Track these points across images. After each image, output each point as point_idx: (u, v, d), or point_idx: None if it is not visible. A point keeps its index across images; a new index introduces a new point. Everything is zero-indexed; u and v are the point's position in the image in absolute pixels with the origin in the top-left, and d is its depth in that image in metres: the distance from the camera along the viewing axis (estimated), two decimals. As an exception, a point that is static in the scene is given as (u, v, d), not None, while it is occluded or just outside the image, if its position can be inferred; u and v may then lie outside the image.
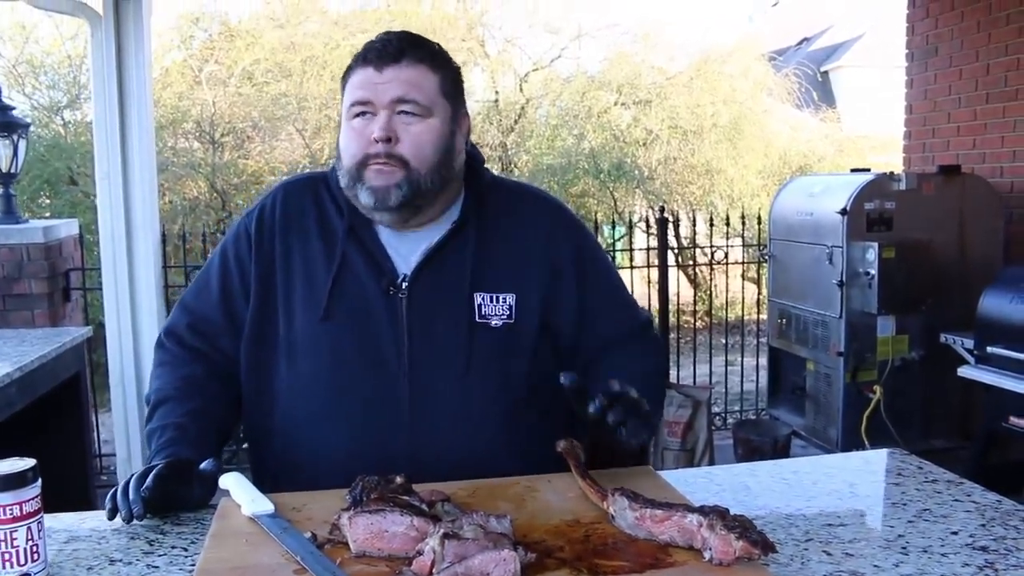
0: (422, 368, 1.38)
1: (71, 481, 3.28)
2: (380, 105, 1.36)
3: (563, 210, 1.57)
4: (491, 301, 1.41)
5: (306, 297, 1.41)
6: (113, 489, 1.23)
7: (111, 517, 1.21)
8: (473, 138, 1.54)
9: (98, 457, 4.52)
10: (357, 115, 1.38)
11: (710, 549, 0.99)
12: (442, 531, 0.97)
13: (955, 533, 1.19)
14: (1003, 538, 1.17)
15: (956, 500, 1.31)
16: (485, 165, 1.55)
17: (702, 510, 1.03)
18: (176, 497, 1.23)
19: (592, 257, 1.54)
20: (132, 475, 1.23)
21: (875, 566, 1.09)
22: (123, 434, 4.11)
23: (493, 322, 1.41)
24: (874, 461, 1.56)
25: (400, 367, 1.38)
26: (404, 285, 1.41)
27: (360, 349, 1.39)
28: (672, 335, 5.27)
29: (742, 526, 0.99)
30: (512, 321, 1.42)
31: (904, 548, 1.14)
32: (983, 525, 1.21)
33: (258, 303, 1.44)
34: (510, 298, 1.42)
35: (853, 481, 1.41)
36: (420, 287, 1.41)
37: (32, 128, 4.77)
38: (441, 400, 1.37)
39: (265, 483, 1.45)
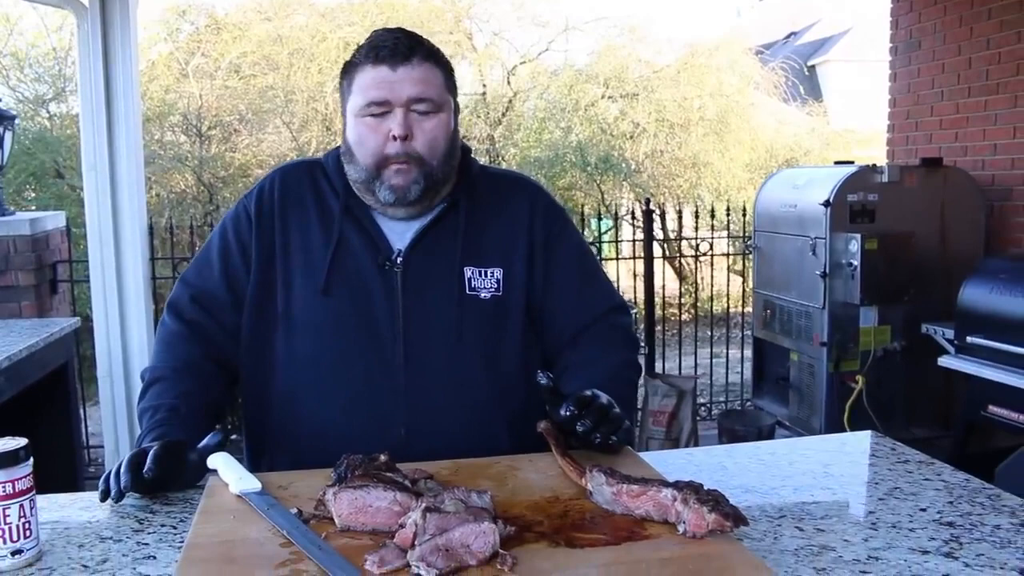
0: (416, 339, 1.44)
1: (60, 471, 3.30)
2: (397, 103, 1.41)
3: (545, 193, 1.64)
4: (480, 275, 1.49)
5: (305, 272, 1.47)
6: (107, 471, 1.26)
7: (103, 499, 1.24)
8: (461, 131, 1.60)
9: (86, 448, 4.52)
10: (370, 113, 1.43)
11: (684, 522, 1.03)
12: (424, 505, 1.00)
13: (923, 510, 1.22)
14: (969, 514, 1.21)
15: (926, 479, 1.35)
16: (472, 155, 1.61)
17: (677, 485, 1.06)
18: (170, 477, 1.26)
19: (566, 238, 1.59)
20: (124, 458, 1.26)
21: (845, 540, 1.12)
22: (111, 424, 4.12)
23: (482, 295, 1.48)
24: (849, 443, 1.60)
25: (395, 338, 1.44)
26: (399, 260, 1.47)
27: (357, 321, 1.45)
28: (658, 327, 5.30)
29: (715, 500, 1.02)
30: (500, 294, 1.49)
31: (874, 524, 1.18)
32: (951, 502, 1.25)
33: (258, 279, 1.49)
34: (498, 272, 1.49)
35: (828, 462, 1.45)
36: (414, 262, 1.47)
37: (17, 121, 4.76)
38: (435, 370, 1.44)
39: (262, 453, 1.50)
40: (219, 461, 1.25)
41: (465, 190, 1.53)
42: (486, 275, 1.49)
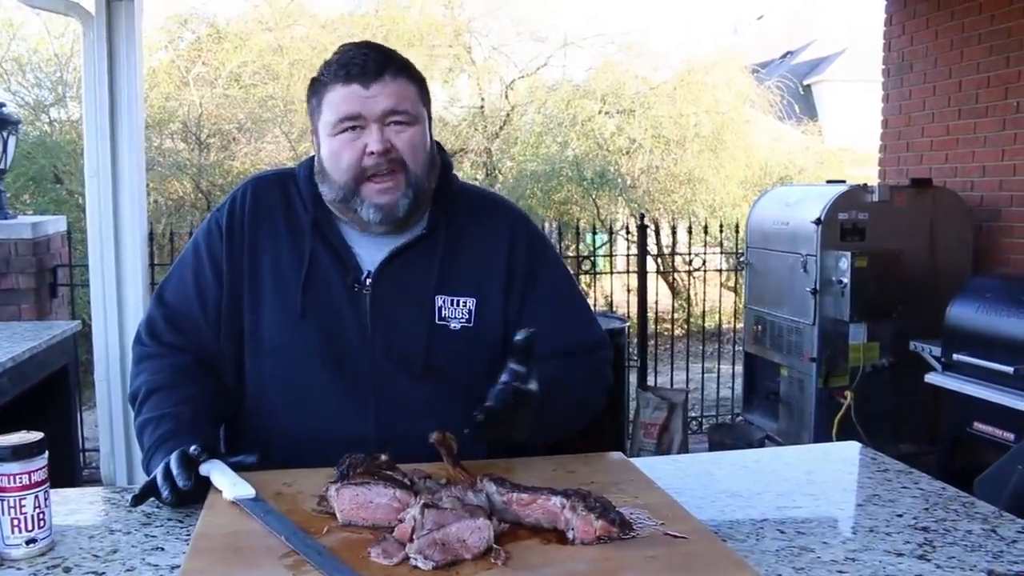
0: (384, 365, 1.43)
1: (57, 473, 3.32)
2: (371, 118, 1.38)
3: (527, 220, 1.60)
4: (452, 304, 1.46)
5: (275, 295, 1.46)
6: (147, 480, 1.27)
7: (135, 504, 1.25)
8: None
9: (81, 452, 4.55)
10: (344, 130, 1.39)
11: (572, 529, 1.05)
12: (422, 501, 1.05)
13: (900, 515, 1.28)
14: (943, 520, 1.26)
15: (904, 487, 1.40)
16: (454, 172, 1.59)
17: (565, 493, 1.09)
18: (200, 487, 1.23)
19: (545, 267, 1.55)
20: (165, 463, 1.25)
21: (823, 543, 1.17)
22: (107, 429, 4.14)
23: (452, 324, 1.46)
24: (831, 452, 1.66)
25: (364, 363, 1.43)
26: (368, 282, 1.45)
27: (326, 345, 1.44)
28: (651, 341, 5.36)
29: (602, 507, 1.05)
30: (471, 325, 1.46)
31: (852, 528, 1.23)
32: (926, 509, 1.30)
33: (228, 296, 1.48)
34: (470, 302, 1.47)
35: (810, 469, 1.50)
36: (384, 285, 1.45)
37: (19, 125, 4.81)
38: (404, 396, 1.43)
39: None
40: (212, 469, 1.24)
41: (444, 212, 1.50)
42: (458, 304, 1.46)
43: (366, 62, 1.39)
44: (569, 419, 1.49)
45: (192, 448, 1.24)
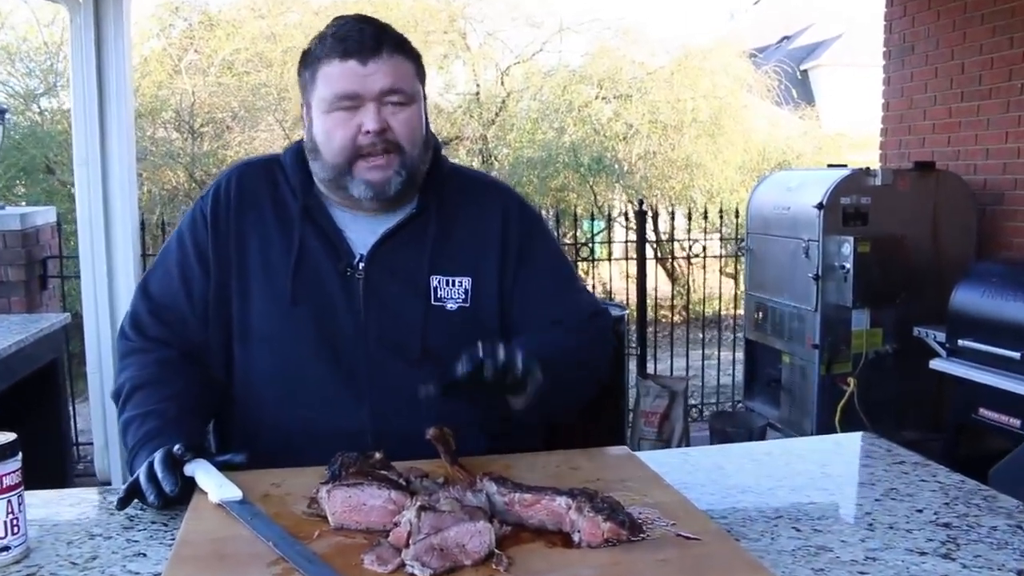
0: (379, 349, 1.39)
1: (49, 468, 3.27)
2: (368, 97, 1.35)
3: (519, 199, 1.57)
4: (447, 284, 1.43)
5: (264, 282, 1.41)
6: (130, 480, 1.20)
7: (122, 507, 1.19)
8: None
9: (76, 446, 4.49)
10: (339, 108, 1.36)
11: (579, 531, 0.99)
12: (419, 504, 0.99)
13: (920, 511, 1.22)
14: (965, 515, 1.20)
15: (922, 480, 1.34)
16: (444, 154, 1.55)
17: (571, 493, 1.03)
18: (187, 488, 1.18)
19: (540, 242, 1.53)
20: (148, 463, 1.19)
21: (842, 541, 1.12)
22: (100, 422, 4.08)
23: (448, 305, 1.42)
24: (844, 444, 1.60)
25: (358, 348, 1.39)
26: (361, 266, 1.41)
27: (319, 332, 1.39)
28: (650, 329, 5.30)
29: (610, 508, 1.00)
30: (467, 305, 1.43)
31: (871, 525, 1.17)
32: (947, 503, 1.25)
33: (216, 285, 1.43)
34: (466, 282, 1.43)
35: (824, 462, 1.45)
36: (377, 268, 1.41)
37: (8, 115, 4.75)
38: (399, 381, 1.37)
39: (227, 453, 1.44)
40: (197, 469, 1.18)
41: (435, 192, 1.47)
42: (453, 284, 1.43)
43: (363, 37, 1.35)
44: (574, 384, 1.44)
45: (176, 447, 1.19)
